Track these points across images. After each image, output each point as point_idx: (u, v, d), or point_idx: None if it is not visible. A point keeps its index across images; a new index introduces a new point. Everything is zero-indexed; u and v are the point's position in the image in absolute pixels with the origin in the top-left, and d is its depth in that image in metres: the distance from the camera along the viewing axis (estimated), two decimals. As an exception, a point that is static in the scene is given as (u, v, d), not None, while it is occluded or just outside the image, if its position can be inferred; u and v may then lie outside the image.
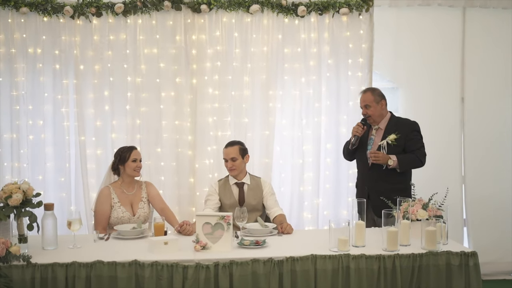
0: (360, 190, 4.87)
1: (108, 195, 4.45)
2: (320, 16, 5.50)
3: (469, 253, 3.58)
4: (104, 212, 4.41)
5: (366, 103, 4.73)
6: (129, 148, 4.58)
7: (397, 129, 4.63)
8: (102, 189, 4.53)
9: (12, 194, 3.56)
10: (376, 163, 4.61)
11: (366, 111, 4.73)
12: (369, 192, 4.67)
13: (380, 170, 4.63)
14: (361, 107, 4.78)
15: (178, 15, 5.38)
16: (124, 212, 4.41)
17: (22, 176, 5.21)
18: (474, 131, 5.96)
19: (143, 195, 4.56)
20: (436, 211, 3.86)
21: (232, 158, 4.56)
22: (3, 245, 3.29)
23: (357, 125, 4.73)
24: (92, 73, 5.36)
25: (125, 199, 4.47)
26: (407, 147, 4.64)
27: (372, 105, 4.71)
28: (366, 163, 4.74)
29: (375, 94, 4.74)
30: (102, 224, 4.39)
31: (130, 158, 4.48)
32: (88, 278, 3.32)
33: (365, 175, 4.79)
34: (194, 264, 3.37)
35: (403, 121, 4.80)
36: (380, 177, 4.65)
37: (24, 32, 5.27)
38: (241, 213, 3.98)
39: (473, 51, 5.91)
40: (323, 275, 3.44)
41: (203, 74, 5.45)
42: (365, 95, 4.77)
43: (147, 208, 4.54)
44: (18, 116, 5.29)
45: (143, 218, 4.45)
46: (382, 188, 4.56)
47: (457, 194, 5.90)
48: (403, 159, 4.58)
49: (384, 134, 4.68)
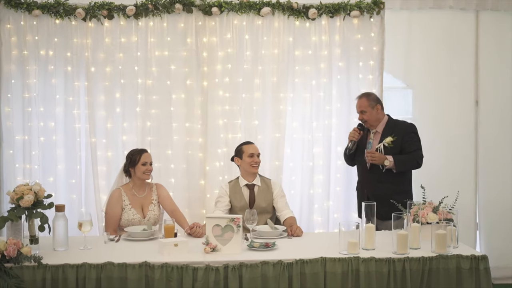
0: (360, 193, 4.92)
1: (119, 197, 4.46)
2: (331, 19, 5.49)
3: (479, 256, 3.56)
4: (115, 214, 4.43)
5: (361, 108, 4.80)
6: (140, 150, 4.59)
7: (394, 132, 4.68)
8: (113, 191, 4.55)
9: (23, 196, 3.58)
10: (374, 166, 4.65)
11: (362, 116, 4.80)
12: (368, 195, 4.68)
13: (380, 173, 4.65)
14: (357, 113, 4.84)
15: (189, 18, 5.39)
16: (135, 215, 4.42)
17: (33, 178, 5.23)
18: (488, 134, 5.90)
19: (154, 197, 4.57)
20: (446, 214, 3.85)
21: (259, 154, 4.58)
22: (15, 246, 3.32)
23: (354, 130, 4.84)
24: (103, 75, 5.39)
25: (135, 201, 4.49)
26: (404, 149, 4.68)
27: (367, 110, 4.77)
28: (365, 167, 4.77)
29: (370, 99, 4.80)
30: (113, 226, 4.41)
31: (140, 161, 4.50)
32: (98, 279, 3.33)
33: (365, 179, 4.83)
34: (204, 266, 3.37)
35: (400, 123, 4.84)
36: (379, 180, 4.68)
37: (36, 35, 5.31)
38: (251, 215, 3.97)
39: (487, 53, 5.86)
40: (333, 278, 3.43)
41: (213, 77, 5.46)
42: (360, 100, 4.83)
43: (157, 211, 4.55)
44: (30, 118, 5.33)
45: (153, 220, 4.47)
46: (382, 191, 4.59)
47: (470, 197, 5.87)
48: (399, 159, 4.61)
49: (382, 138, 4.72)
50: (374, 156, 4.61)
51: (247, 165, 4.55)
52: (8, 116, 5.32)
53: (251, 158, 4.55)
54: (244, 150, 4.59)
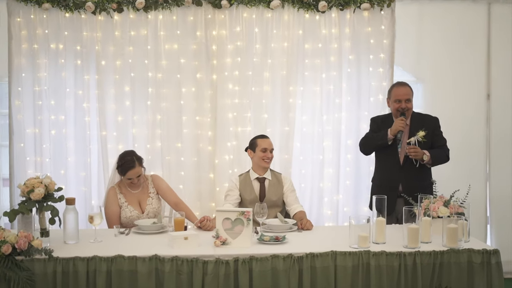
0: (384, 188, 4.51)
1: (115, 196, 4.42)
2: (341, 12, 5.46)
3: (491, 251, 3.53)
4: (114, 213, 4.39)
5: (408, 96, 4.60)
6: (127, 167, 4.34)
7: (423, 125, 4.55)
8: (108, 190, 4.49)
9: (34, 189, 3.59)
10: (408, 160, 4.54)
11: (407, 105, 4.59)
12: (403, 190, 4.51)
13: (413, 167, 4.55)
14: (398, 101, 4.60)
15: (198, 11, 5.38)
16: (132, 211, 4.38)
17: (44, 171, 5.27)
18: (500, 128, 5.86)
19: (151, 191, 4.51)
20: (457, 208, 3.82)
21: (272, 149, 4.58)
22: (26, 239, 3.33)
23: (402, 120, 4.53)
24: (113, 68, 5.39)
25: (131, 198, 4.44)
26: (434, 142, 4.60)
27: (411, 99, 4.63)
28: (397, 160, 4.62)
29: (411, 88, 4.67)
30: (114, 224, 4.30)
31: (125, 176, 4.36)
32: (108, 272, 3.34)
33: (395, 173, 4.62)
34: (214, 259, 3.37)
35: (426, 117, 4.74)
36: (413, 175, 4.56)
37: (46, 28, 5.32)
38: (261, 209, 3.97)
39: (499, 46, 5.81)
40: (343, 272, 3.42)
41: (223, 70, 5.45)
42: (406, 88, 4.64)
43: (156, 203, 4.49)
44: (41, 111, 5.36)
45: (153, 214, 4.44)
46: (415, 185, 4.47)
47: (481, 191, 5.85)
48: (434, 154, 4.53)
49: (411, 130, 4.59)
50: (417, 151, 4.46)
51: (259, 159, 4.54)
52: (19, 110, 5.33)
53: (264, 153, 4.54)
54: (258, 144, 4.58)
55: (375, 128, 4.81)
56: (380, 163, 4.82)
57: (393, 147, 4.63)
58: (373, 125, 4.86)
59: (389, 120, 4.71)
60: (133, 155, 4.42)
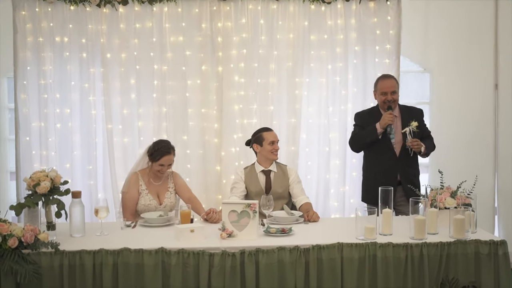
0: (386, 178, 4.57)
1: (136, 181, 4.45)
2: (347, 2, 5.43)
3: (498, 242, 3.52)
4: (132, 197, 4.41)
5: (394, 89, 4.70)
6: (164, 151, 4.41)
7: (413, 116, 4.65)
8: (131, 174, 4.53)
9: (40, 182, 3.59)
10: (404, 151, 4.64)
11: (392, 96, 4.69)
12: (401, 179, 4.66)
13: (408, 157, 4.66)
14: (384, 93, 4.69)
15: (204, 3, 5.36)
16: (151, 200, 4.42)
17: (50, 164, 5.28)
18: (508, 118, 5.79)
19: (170, 186, 4.55)
20: (464, 199, 3.80)
21: (278, 141, 4.58)
22: (32, 232, 3.34)
23: (390, 114, 4.61)
24: (118, 61, 5.39)
25: (152, 188, 4.48)
26: (422, 132, 4.72)
27: (397, 91, 4.72)
28: (393, 151, 4.70)
29: (396, 80, 4.77)
30: (130, 209, 4.38)
31: (158, 161, 4.40)
32: (115, 265, 3.34)
33: (393, 165, 4.69)
34: (220, 252, 3.37)
35: (413, 108, 4.88)
36: (408, 164, 4.71)
37: (51, 21, 5.32)
38: (267, 201, 3.96)
39: (507, 36, 5.74)
40: (350, 263, 3.41)
41: (229, 62, 5.44)
42: (391, 81, 4.74)
43: (173, 198, 4.54)
44: (46, 104, 5.36)
45: (169, 207, 4.47)
46: (410, 174, 4.68)
47: (489, 182, 5.82)
48: (428, 145, 4.67)
49: (403, 121, 4.68)
50: (419, 143, 4.57)
51: (268, 152, 4.52)
52: (25, 103, 5.34)
53: (272, 146, 4.52)
54: (264, 137, 4.55)
55: (361, 123, 4.86)
56: (374, 157, 4.84)
57: (386, 140, 4.70)
58: (359, 120, 4.91)
59: (375, 113, 4.80)
60: (169, 143, 4.52)
